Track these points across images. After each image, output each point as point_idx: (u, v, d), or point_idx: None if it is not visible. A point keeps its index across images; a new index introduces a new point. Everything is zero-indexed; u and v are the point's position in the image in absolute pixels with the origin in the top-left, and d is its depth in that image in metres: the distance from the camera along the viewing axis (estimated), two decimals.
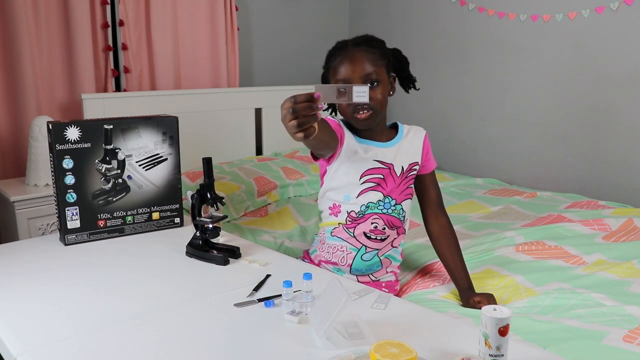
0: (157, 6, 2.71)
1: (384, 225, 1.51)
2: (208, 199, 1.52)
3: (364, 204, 1.49)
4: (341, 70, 1.42)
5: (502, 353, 0.94)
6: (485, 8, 3.09)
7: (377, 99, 1.42)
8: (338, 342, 1.03)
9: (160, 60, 2.77)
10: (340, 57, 1.43)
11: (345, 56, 1.42)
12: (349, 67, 1.41)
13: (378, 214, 1.50)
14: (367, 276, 1.56)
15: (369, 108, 1.42)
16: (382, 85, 1.43)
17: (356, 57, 1.41)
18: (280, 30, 3.41)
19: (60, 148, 1.55)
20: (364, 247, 1.52)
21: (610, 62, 2.66)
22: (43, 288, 1.32)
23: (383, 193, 1.50)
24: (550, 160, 2.95)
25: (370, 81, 1.41)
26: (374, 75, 1.41)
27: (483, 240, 1.98)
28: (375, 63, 1.42)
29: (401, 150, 1.52)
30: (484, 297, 1.47)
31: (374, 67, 1.42)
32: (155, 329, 1.11)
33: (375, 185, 1.49)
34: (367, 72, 1.41)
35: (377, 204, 1.50)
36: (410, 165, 1.53)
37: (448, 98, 3.36)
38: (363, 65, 1.41)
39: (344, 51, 1.44)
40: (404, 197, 1.53)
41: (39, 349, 1.04)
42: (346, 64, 1.41)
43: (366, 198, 1.49)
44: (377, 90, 1.42)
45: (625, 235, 2.01)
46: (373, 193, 1.49)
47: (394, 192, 1.51)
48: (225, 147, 2.95)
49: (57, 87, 2.53)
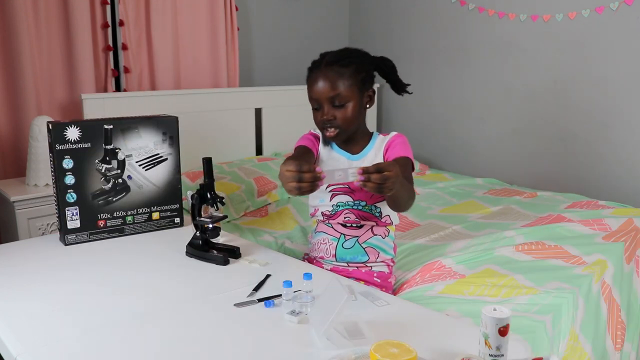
0: (157, 6, 2.71)
1: (355, 218, 1.56)
2: (208, 199, 1.52)
3: (335, 204, 1.57)
4: (312, 90, 1.49)
5: (502, 353, 0.94)
6: (485, 8, 3.09)
7: (343, 118, 1.48)
8: (338, 342, 1.03)
9: (160, 60, 2.77)
10: (313, 77, 1.50)
11: (317, 76, 1.48)
12: (318, 89, 1.47)
13: (349, 209, 1.56)
14: (356, 265, 1.57)
15: (336, 127, 1.48)
16: (350, 105, 1.48)
17: (325, 78, 1.46)
18: (280, 30, 3.41)
19: (60, 148, 1.55)
20: (342, 236, 1.57)
21: (610, 62, 2.66)
22: (43, 288, 1.32)
23: (352, 198, 1.55)
24: (550, 160, 2.95)
25: (334, 103, 1.46)
26: (340, 97, 1.46)
27: (483, 240, 1.98)
28: (344, 83, 1.46)
29: (367, 161, 1.55)
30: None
31: (342, 88, 1.46)
32: (156, 329, 1.11)
33: (346, 191, 1.55)
34: (333, 95, 1.46)
35: (346, 204, 1.56)
36: None
37: (448, 98, 3.36)
38: (330, 87, 1.46)
39: (317, 71, 1.49)
40: (376, 200, 1.55)
41: (39, 349, 1.04)
42: (316, 85, 1.48)
43: (337, 199, 1.57)
44: (343, 110, 1.47)
45: (625, 235, 2.01)
46: (343, 196, 1.56)
47: (363, 197, 1.55)
48: (225, 147, 2.95)
49: (57, 87, 2.52)
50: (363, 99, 1.52)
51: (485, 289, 1.61)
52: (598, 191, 2.75)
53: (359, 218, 1.55)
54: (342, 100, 1.46)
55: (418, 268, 1.77)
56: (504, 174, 3.13)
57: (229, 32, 2.99)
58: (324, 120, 1.48)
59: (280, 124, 3.14)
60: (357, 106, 1.49)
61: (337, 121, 1.48)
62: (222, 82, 3.00)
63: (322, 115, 1.48)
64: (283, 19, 3.42)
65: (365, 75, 1.51)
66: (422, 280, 1.68)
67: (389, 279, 1.62)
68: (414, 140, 3.56)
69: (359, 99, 1.49)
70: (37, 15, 2.40)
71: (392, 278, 1.64)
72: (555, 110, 2.89)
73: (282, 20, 3.42)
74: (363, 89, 1.51)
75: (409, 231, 2.17)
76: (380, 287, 1.56)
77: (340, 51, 1.52)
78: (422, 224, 2.24)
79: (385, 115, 3.69)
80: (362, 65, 1.50)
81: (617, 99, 2.66)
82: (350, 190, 1.55)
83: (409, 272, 1.77)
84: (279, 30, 3.40)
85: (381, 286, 1.57)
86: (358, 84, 1.49)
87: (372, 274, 1.58)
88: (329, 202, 1.57)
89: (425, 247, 1.98)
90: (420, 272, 1.74)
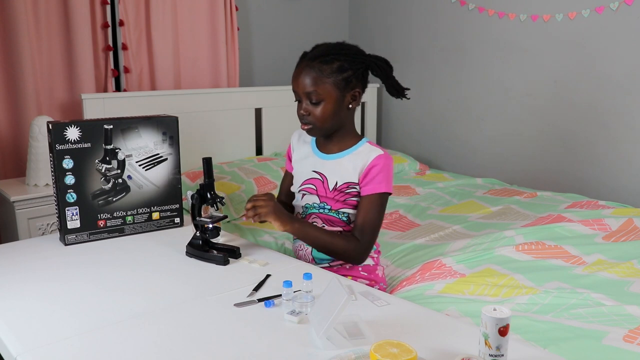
0: (157, 6, 2.71)
1: (322, 223, 1.56)
2: (208, 199, 1.52)
3: (304, 205, 1.59)
4: (293, 82, 1.50)
5: (502, 353, 0.94)
6: (485, 8, 3.09)
7: (316, 116, 1.47)
8: (338, 342, 1.03)
9: (160, 60, 2.77)
10: (296, 70, 1.50)
11: (299, 70, 1.48)
12: (297, 82, 1.48)
13: (316, 213, 1.57)
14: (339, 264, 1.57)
15: (310, 123, 1.49)
16: (325, 103, 1.46)
17: (303, 74, 1.47)
18: (280, 30, 3.42)
19: (60, 148, 1.55)
20: None
21: (610, 62, 2.66)
22: (43, 288, 1.32)
23: (319, 198, 1.56)
24: (550, 160, 2.96)
25: (311, 100, 1.46)
26: (315, 94, 1.45)
27: (483, 239, 1.98)
28: (322, 81, 1.45)
29: (341, 166, 1.53)
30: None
31: (319, 85, 1.45)
32: (155, 329, 1.11)
33: (313, 190, 1.57)
34: (308, 90, 1.46)
35: (312, 205, 1.57)
36: (346, 184, 1.52)
37: (448, 98, 3.36)
38: (306, 83, 1.46)
39: (299, 64, 1.49)
40: (341, 206, 1.54)
41: (39, 349, 1.04)
42: (295, 78, 1.49)
43: (305, 200, 1.58)
44: (317, 108, 1.47)
45: (625, 235, 2.01)
46: (310, 196, 1.58)
47: (329, 200, 1.55)
48: (225, 147, 2.95)
49: (57, 87, 2.53)
50: (344, 99, 1.48)
51: (485, 288, 1.61)
52: (598, 191, 2.75)
53: (325, 222, 1.55)
54: (318, 98, 1.45)
55: (418, 266, 1.77)
56: (504, 174, 3.13)
57: (229, 32, 2.99)
58: (300, 114, 1.50)
59: (280, 124, 3.14)
60: (335, 105, 1.47)
61: (311, 117, 1.47)
62: (222, 82, 3.00)
63: (299, 109, 1.49)
64: (283, 19, 3.42)
65: (351, 74, 1.46)
66: (422, 278, 1.68)
67: (377, 271, 1.60)
68: (414, 140, 3.59)
69: (337, 97, 1.46)
70: (37, 15, 2.41)
71: (379, 269, 1.62)
72: (555, 110, 2.89)
73: (282, 20, 3.42)
74: (345, 88, 1.47)
75: (409, 231, 2.17)
76: (369, 280, 1.56)
77: (329, 46, 1.49)
78: (422, 224, 2.25)
79: (385, 115, 3.69)
80: (349, 63, 1.46)
81: (617, 99, 2.66)
82: (315, 190, 1.56)
83: (409, 269, 1.77)
84: (279, 30, 3.40)
85: (369, 279, 1.56)
86: (339, 82, 1.45)
87: (357, 268, 1.57)
88: (301, 201, 1.60)
89: (425, 246, 1.98)
90: (421, 270, 1.74)
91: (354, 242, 1.48)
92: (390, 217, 2.33)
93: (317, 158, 1.57)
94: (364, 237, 1.48)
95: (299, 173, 1.61)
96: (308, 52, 1.51)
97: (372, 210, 1.49)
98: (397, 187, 2.81)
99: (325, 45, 1.50)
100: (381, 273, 1.63)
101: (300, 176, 1.61)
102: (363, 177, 1.49)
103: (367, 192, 1.49)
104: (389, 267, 1.84)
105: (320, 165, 1.56)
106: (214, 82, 3.00)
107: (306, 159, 1.60)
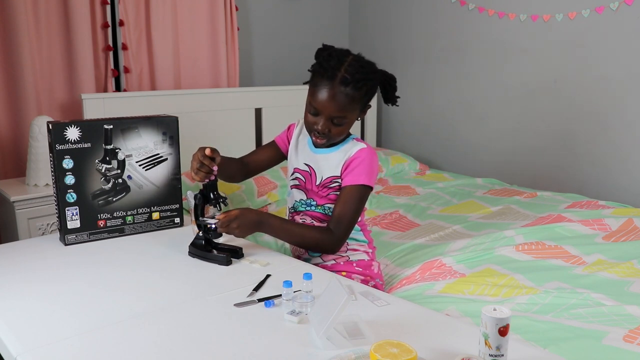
0: (157, 6, 2.71)
1: (311, 220, 1.58)
2: (211, 199, 1.52)
3: (292, 203, 1.61)
4: (317, 99, 1.45)
5: (502, 353, 0.94)
6: (485, 8, 3.09)
7: (337, 134, 1.49)
8: (338, 342, 1.03)
9: (160, 60, 2.77)
10: (323, 87, 1.43)
11: (327, 91, 1.42)
12: (323, 103, 1.43)
13: (304, 211, 1.59)
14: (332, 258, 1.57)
15: (327, 138, 1.49)
16: (346, 124, 1.48)
17: (334, 99, 1.42)
18: (280, 30, 3.41)
19: (60, 148, 1.55)
20: None
21: (610, 62, 2.66)
22: (43, 288, 1.32)
23: (306, 194, 1.57)
24: (550, 160, 2.95)
25: (333, 121, 1.46)
26: (340, 118, 1.45)
27: (483, 239, 1.98)
28: (350, 106, 1.44)
29: (327, 161, 1.55)
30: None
31: (347, 110, 1.45)
32: (156, 329, 1.12)
33: (300, 184, 1.59)
34: (336, 115, 1.45)
35: (300, 202, 1.59)
36: (330, 178, 1.54)
37: (448, 98, 3.36)
38: (335, 108, 1.43)
39: (329, 83, 1.42)
40: (325, 202, 1.55)
41: (39, 349, 1.04)
42: (323, 98, 1.43)
43: (294, 196, 1.60)
44: (339, 129, 1.48)
45: (625, 235, 2.01)
46: (297, 191, 1.59)
47: (315, 195, 1.56)
48: (225, 147, 2.93)
49: (57, 87, 2.53)
50: (360, 115, 1.52)
51: (485, 288, 1.61)
52: (598, 191, 2.75)
53: (314, 219, 1.56)
54: (342, 122, 1.46)
55: (418, 265, 1.77)
56: (504, 174, 3.13)
57: (229, 32, 2.99)
58: (317, 129, 1.47)
59: (280, 124, 3.10)
60: (350, 125, 1.50)
61: (330, 134, 1.47)
62: (222, 82, 3.00)
63: (316, 125, 1.46)
64: (283, 19, 3.42)
65: (371, 95, 1.50)
66: (422, 278, 1.68)
67: (372, 267, 1.60)
68: (414, 140, 3.58)
69: (355, 118, 1.50)
70: (37, 15, 2.41)
71: (375, 265, 1.62)
72: (555, 110, 2.89)
73: (282, 20, 3.41)
74: (365, 108, 1.51)
75: (409, 231, 2.17)
76: (364, 276, 1.56)
77: (358, 68, 1.43)
78: (422, 224, 2.25)
79: (385, 115, 3.69)
80: (374, 86, 1.49)
81: (617, 99, 2.66)
82: (303, 183, 1.57)
83: (409, 268, 1.77)
84: (279, 30, 3.40)
85: (364, 275, 1.56)
86: (363, 105, 1.49)
87: (352, 263, 1.57)
88: (290, 197, 1.62)
89: (425, 246, 1.98)
90: (421, 269, 1.74)
91: (328, 233, 1.48)
92: (390, 217, 2.33)
93: (310, 151, 1.59)
94: (338, 229, 1.48)
95: (292, 161, 1.63)
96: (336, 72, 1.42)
97: (349, 202, 1.48)
98: (397, 187, 2.81)
99: (353, 67, 1.43)
100: (377, 269, 1.63)
101: (292, 164, 1.63)
102: (344, 168, 1.51)
103: (346, 182, 1.50)
104: (388, 267, 1.84)
105: (310, 158, 1.58)
106: (214, 82, 3.00)
107: (303, 150, 1.62)
